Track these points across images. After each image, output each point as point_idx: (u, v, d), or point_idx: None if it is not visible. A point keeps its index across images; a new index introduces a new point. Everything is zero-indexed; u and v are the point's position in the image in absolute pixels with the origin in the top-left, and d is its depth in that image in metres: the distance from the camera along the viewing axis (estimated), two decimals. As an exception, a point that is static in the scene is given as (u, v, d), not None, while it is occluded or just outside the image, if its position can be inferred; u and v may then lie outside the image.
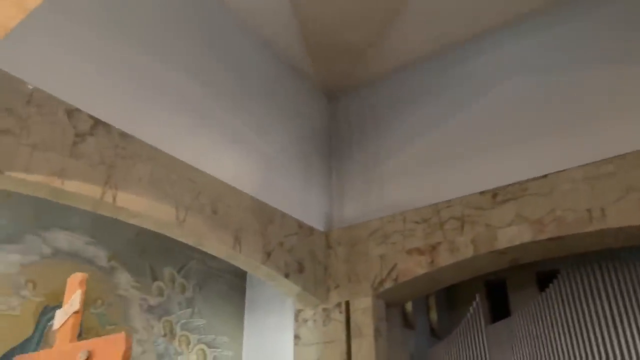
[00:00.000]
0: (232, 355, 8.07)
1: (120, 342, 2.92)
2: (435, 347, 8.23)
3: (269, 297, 8.43)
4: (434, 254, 6.42)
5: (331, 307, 7.04)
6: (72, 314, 3.28)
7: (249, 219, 6.38)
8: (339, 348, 6.75)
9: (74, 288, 3.44)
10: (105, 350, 2.92)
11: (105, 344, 3.00)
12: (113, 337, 2.93)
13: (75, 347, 3.15)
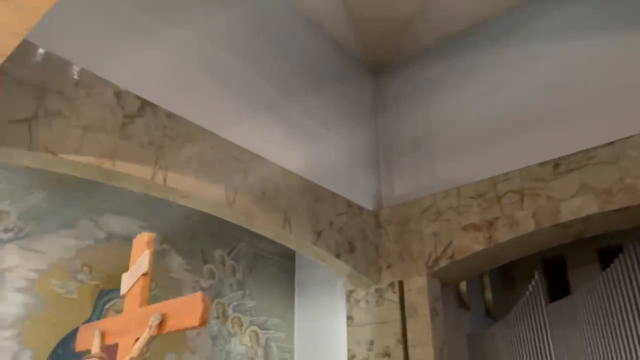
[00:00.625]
0: (285, 336, 8.03)
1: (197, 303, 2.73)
2: (492, 327, 7.95)
3: (319, 278, 8.33)
4: (492, 230, 6.14)
5: (384, 287, 6.87)
6: (141, 276, 3.19)
7: (298, 199, 6.26)
8: (393, 328, 6.59)
9: (141, 249, 3.35)
10: (181, 312, 2.78)
11: (181, 306, 2.84)
12: (189, 297, 2.81)
13: (146, 311, 3.03)
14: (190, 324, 2.70)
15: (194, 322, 2.69)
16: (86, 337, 3.45)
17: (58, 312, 5.59)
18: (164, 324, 2.82)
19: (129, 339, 2.98)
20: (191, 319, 2.68)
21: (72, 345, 5.63)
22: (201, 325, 2.71)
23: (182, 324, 2.77)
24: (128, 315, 3.11)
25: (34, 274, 5.52)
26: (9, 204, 5.51)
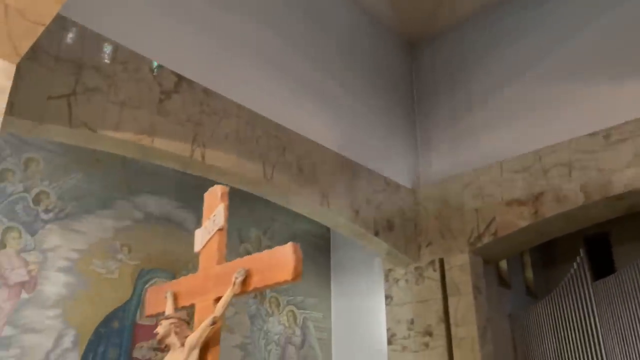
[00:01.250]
0: (322, 316, 7.97)
1: (288, 255, 2.53)
2: (535, 305, 7.73)
3: (355, 258, 8.21)
4: (538, 204, 5.91)
5: (424, 265, 6.71)
6: (216, 232, 3.01)
7: (335, 176, 6.12)
8: (434, 307, 6.44)
9: (214, 203, 3.19)
10: (269, 267, 2.60)
11: (269, 259, 2.65)
12: (277, 249, 2.65)
13: (226, 267, 2.88)
14: (282, 277, 2.51)
15: (286, 275, 2.49)
16: (156, 300, 3.30)
17: (99, 292, 5.61)
18: (249, 280, 2.67)
19: (206, 299, 2.88)
20: (282, 273, 2.49)
21: (114, 324, 5.69)
22: (294, 279, 2.51)
23: (271, 278, 2.58)
24: (204, 274, 2.98)
25: (75, 254, 5.53)
26: (48, 184, 5.52)
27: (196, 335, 2.77)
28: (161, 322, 2.97)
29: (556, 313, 7.37)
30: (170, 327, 2.92)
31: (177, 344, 2.85)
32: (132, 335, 5.75)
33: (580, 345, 7.02)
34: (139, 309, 5.90)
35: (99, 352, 5.44)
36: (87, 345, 5.37)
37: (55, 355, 5.13)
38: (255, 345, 6.92)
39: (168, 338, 2.91)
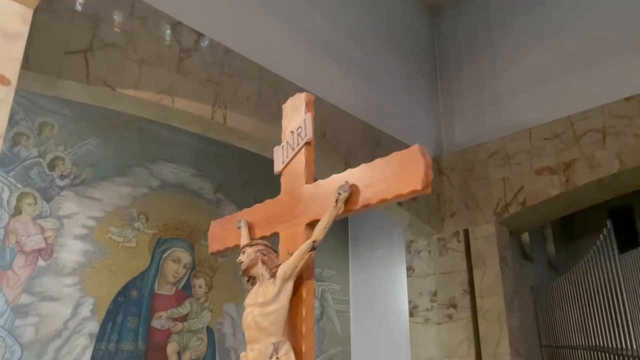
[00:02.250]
0: (340, 288, 7.83)
1: (415, 159, 1.99)
2: (559, 278, 7.55)
3: (373, 229, 8.04)
4: (569, 172, 5.68)
5: (447, 236, 6.53)
6: (304, 146, 2.60)
7: (358, 143, 5.91)
8: (458, 278, 6.27)
9: (298, 114, 2.70)
10: (386, 176, 2.10)
11: (384, 168, 2.11)
12: (396, 155, 2.15)
13: (322, 185, 2.40)
14: (407, 188, 1.93)
15: (413, 184, 1.90)
16: (223, 233, 2.93)
17: (117, 261, 5.47)
18: (355, 197, 2.18)
19: (296, 224, 2.45)
20: (407, 182, 1.92)
21: (133, 293, 5.56)
22: (424, 190, 1.99)
23: (389, 191, 2.00)
24: (290, 196, 2.55)
25: (91, 222, 5.38)
26: (64, 150, 5.34)
27: (292, 264, 2.35)
28: (244, 250, 2.52)
29: (581, 286, 7.19)
30: (256, 256, 2.47)
31: (266, 274, 2.43)
32: (151, 305, 5.63)
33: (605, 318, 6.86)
34: (157, 278, 5.77)
35: (117, 321, 5.32)
36: (105, 314, 5.25)
37: (74, 324, 5.01)
38: (274, 317, 6.79)
39: (254, 268, 2.48)
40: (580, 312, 7.14)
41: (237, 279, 6.54)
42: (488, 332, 5.87)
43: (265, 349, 2.24)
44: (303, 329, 2.29)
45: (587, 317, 7.03)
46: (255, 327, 2.30)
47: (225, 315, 6.27)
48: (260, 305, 2.32)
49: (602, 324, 6.87)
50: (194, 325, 5.93)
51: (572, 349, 7.05)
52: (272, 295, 2.31)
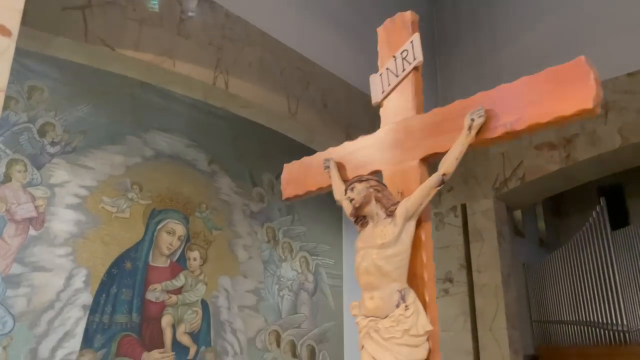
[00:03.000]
0: (333, 263, 7.78)
1: (580, 71, 1.68)
2: (551, 254, 7.62)
3: (367, 205, 7.99)
4: (570, 148, 5.66)
5: (444, 211, 6.50)
6: (412, 71, 2.33)
7: (359, 115, 5.79)
8: (455, 253, 6.26)
9: (399, 36, 2.40)
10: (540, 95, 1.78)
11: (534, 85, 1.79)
12: (552, 70, 1.79)
13: (440, 113, 2.13)
14: (571, 109, 1.63)
15: (582, 103, 1.60)
16: (302, 175, 2.61)
17: (111, 231, 5.31)
18: (491, 124, 1.89)
19: (402, 160, 2.14)
20: (573, 101, 1.62)
21: (127, 265, 5.42)
22: (594, 111, 1.69)
23: (547, 113, 1.67)
24: (394, 131, 2.25)
25: (84, 191, 5.20)
26: (54, 116, 5.11)
27: (416, 201, 2.06)
28: (353, 186, 2.18)
29: (573, 262, 7.27)
30: (369, 192, 2.14)
31: (381, 213, 2.13)
32: (145, 277, 5.50)
33: (596, 293, 6.95)
34: (152, 250, 5.63)
35: (111, 293, 5.19)
36: (99, 286, 5.10)
37: (67, 295, 4.86)
38: (269, 291, 6.73)
39: (367, 207, 2.15)
40: (571, 288, 7.23)
41: (232, 251, 6.43)
42: (484, 307, 5.89)
43: (390, 297, 2.01)
44: (425, 276, 2.11)
45: (578, 293, 7.12)
46: (377, 272, 2.04)
47: (220, 289, 6.17)
48: (379, 247, 2.04)
49: (593, 299, 6.96)
50: (188, 298, 5.82)
51: (562, 324, 7.15)
52: (394, 236, 2.04)
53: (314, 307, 7.28)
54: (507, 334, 5.71)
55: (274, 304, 6.75)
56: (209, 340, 5.91)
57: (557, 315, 7.20)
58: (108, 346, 5.03)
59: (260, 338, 6.47)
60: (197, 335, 5.80)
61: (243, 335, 6.28)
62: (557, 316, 7.19)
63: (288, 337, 6.81)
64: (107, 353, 5.01)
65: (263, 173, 7.07)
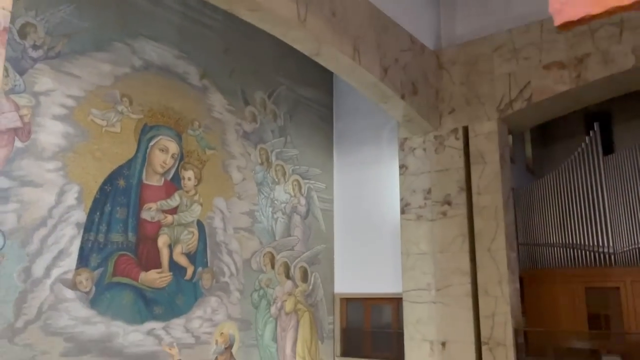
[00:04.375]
0: (325, 187, 7.64)
1: None
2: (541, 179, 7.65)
3: (360, 128, 7.77)
4: (581, 68, 5.51)
5: (444, 133, 6.35)
6: None
7: (366, 26, 5.44)
8: (455, 176, 6.18)
9: None
10: None
11: None
12: None
13: None
14: None
15: None
16: None
17: (102, 146, 4.94)
18: None
19: None
20: None
21: (120, 182, 5.09)
22: None
23: None
24: None
25: (71, 101, 4.76)
26: (35, 16, 4.57)
27: None
28: None
29: (563, 186, 7.32)
30: None
31: None
32: (139, 196, 5.21)
33: (584, 217, 7.06)
34: (145, 167, 5.30)
35: (105, 211, 4.89)
36: (92, 203, 4.80)
37: (59, 212, 4.54)
38: (263, 213, 6.56)
39: None
40: (559, 212, 7.31)
41: (227, 172, 6.17)
42: (484, 228, 5.90)
43: None
44: None
45: (566, 217, 7.22)
46: None
47: (215, 210, 5.95)
48: None
49: (581, 223, 7.07)
50: (184, 218, 5.59)
51: (549, 246, 7.29)
52: None
53: (307, 230, 7.19)
54: (506, 255, 5.76)
55: (268, 226, 6.60)
56: (206, 261, 5.75)
57: (544, 239, 7.33)
58: (104, 265, 4.81)
59: (255, 259, 6.36)
60: (194, 256, 5.63)
61: (239, 256, 6.15)
62: (544, 239, 7.32)
63: (282, 258, 6.73)
64: (104, 272, 4.79)
65: (255, 91, 6.71)
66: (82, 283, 4.60)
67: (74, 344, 4.48)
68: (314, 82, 7.65)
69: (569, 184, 7.25)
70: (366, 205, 7.48)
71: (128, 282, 4.97)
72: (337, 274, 7.59)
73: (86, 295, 4.62)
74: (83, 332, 4.56)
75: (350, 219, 7.63)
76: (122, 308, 4.87)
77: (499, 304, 5.67)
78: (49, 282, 4.38)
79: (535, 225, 7.49)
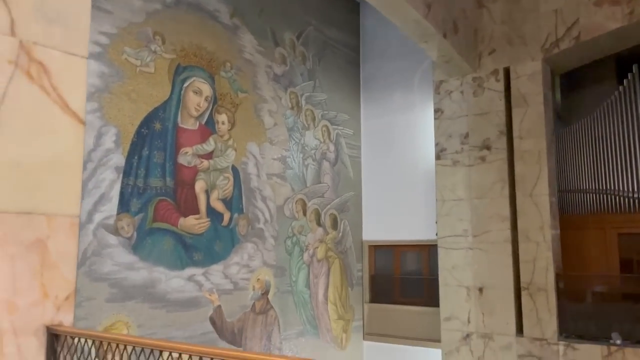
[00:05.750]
0: (352, 134, 7.45)
1: None
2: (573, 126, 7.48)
3: (388, 72, 7.50)
4: (634, 3, 5.23)
5: (484, 75, 6.10)
6: None
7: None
8: (495, 119, 5.98)
9: None
10: None
11: None
12: None
13: None
14: None
15: None
16: None
17: (137, 87, 4.71)
18: None
19: None
20: None
21: (156, 125, 4.89)
22: None
23: None
24: None
25: (104, 39, 4.49)
26: (62, -57, 4.23)
27: None
28: None
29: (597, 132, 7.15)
30: None
31: None
32: (175, 139, 5.01)
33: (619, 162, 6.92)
34: (180, 110, 5.09)
35: (143, 155, 4.71)
36: (130, 147, 4.61)
37: (98, 156, 4.36)
38: (294, 159, 6.39)
39: None
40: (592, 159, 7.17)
41: (259, 117, 5.96)
42: (525, 173, 5.76)
43: None
44: None
45: (600, 163, 7.08)
46: None
47: (248, 155, 5.77)
48: None
49: (615, 169, 6.95)
50: (219, 163, 5.42)
51: (581, 192, 7.19)
52: None
53: (335, 177, 7.05)
54: (548, 200, 5.64)
55: (299, 172, 6.46)
56: (241, 207, 5.62)
57: (576, 185, 7.22)
58: (145, 211, 4.67)
59: (287, 206, 6.24)
60: (230, 202, 5.50)
61: (272, 203, 6.02)
62: (576, 185, 7.22)
63: (313, 205, 6.62)
64: (144, 218, 4.66)
65: (284, 32, 6.42)
66: (123, 229, 4.48)
67: (118, 290, 4.39)
68: (340, 23, 7.34)
69: (603, 130, 7.06)
70: (395, 152, 7.31)
71: (168, 228, 4.85)
72: (366, 221, 7.50)
73: (128, 241, 4.51)
74: (126, 277, 4.47)
75: (378, 166, 7.48)
76: (163, 254, 4.77)
77: (540, 249, 5.60)
78: (91, 227, 4.25)
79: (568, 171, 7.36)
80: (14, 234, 1.47)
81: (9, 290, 1.44)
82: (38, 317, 1.48)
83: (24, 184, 1.56)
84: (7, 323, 1.43)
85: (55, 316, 1.48)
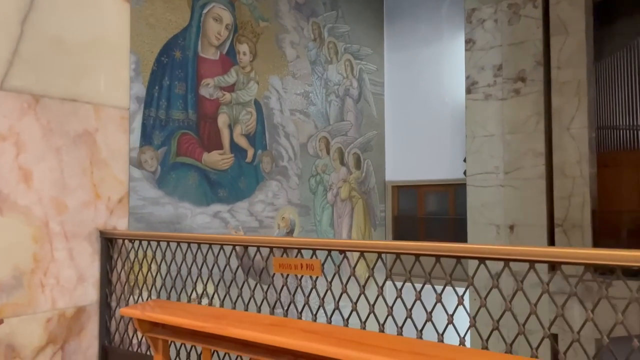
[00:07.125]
0: (375, 69, 7.11)
1: None
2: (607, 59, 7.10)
3: (412, 2, 7.08)
4: None
5: (520, 1, 5.70)
6: None
7: None
8: (531, 49, 5.63)
9: None
10: None
11: None
12: None
13: None
14: None
15: None
16: None
17: (155, 12, 4.40)
18: None
19: None
20: None
21: (176, 53, 4.60)
22: None
23: None
24: None
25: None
26: None
27: None
28: None
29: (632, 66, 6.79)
30: None
31: None
32: (196, 69, 4.73)
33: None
34: (200, 38, 4.78)
35: (164, 85, 4.46)
36: (150, 76, 4.35)
37: (118, 85, 4.10)
38: (317, 94, 6.10)
39: None
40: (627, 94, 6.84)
41: (281, 48, 5.64)
42: (563, 106, 5.46)
43: None
44: None
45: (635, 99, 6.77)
46: None
47: (271, 89, 5.49)
48: None
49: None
50: (242, 97, 5.15)
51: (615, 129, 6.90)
52: None
53: (359, 115, 6.78)
54: (587, 134, 5.38)
55: (322, 109, 6.19)
56: (265, 143, 5.40)
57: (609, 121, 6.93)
58: (168, 144, 4.46)
59: (311, 144, 6.01)
60: (253, 138, 5.27)
61: (295, 140, 5.79)
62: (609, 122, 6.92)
63: (336, 144, 6.38)
64: (167, 151, 4.45)
65: (307, -43, 5.99)
66: (147, 162, 4.28)
67: (144, 225, 4.24)
68: (364, -52, 6.88)
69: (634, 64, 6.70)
70: (420, 87, 6.99)
71: (192, 163, 4.65)
72: (389, 161, 7.28)
73: (152, 175, 4.32)
74: (152, 212, 4.31)
75: (402, 103, 7.18)
76: (188, 189, 4.59)
77: (576, 185, 5.37)
78: (114, 160, 4.04)
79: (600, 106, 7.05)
80: (59, 122, 1.26)
81: (57, 187, 1.24)
82: (90, 220, 1.29)
83: (67, 66, 1.33)
84: (57, 224, 1.24)
85: (109, 220, 1.29)
